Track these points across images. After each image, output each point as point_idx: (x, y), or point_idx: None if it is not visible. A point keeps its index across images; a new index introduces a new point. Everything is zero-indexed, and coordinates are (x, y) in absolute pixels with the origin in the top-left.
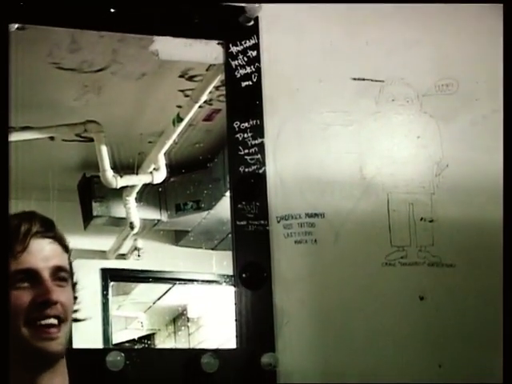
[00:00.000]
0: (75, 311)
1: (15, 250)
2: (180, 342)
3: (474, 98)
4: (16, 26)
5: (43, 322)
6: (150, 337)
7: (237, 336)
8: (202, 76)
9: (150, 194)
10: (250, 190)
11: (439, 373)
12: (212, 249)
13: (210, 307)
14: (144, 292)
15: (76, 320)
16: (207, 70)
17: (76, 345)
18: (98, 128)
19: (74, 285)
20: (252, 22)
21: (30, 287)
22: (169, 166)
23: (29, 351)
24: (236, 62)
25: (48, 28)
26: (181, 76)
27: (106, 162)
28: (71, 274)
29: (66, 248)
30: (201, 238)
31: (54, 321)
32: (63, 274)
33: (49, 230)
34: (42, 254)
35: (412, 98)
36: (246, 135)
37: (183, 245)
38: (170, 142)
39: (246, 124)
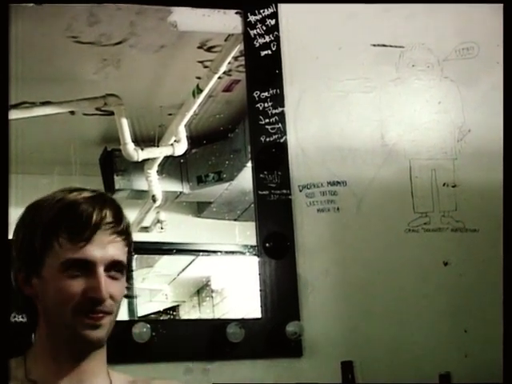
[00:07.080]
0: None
1: (79, 237)
2: (205, 313)
3: (495, 61)
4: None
5: (90, 315)
6: (174, 308)
7: (261, 305)
8: (221, 46)
9: (171, 166)
10: (272, 160)
11: (465, 338)
12: (235, 219)
13: (234, 278)
14: (168, 264)
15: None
16: (226, 40)
17: None
18: (117, 101)
19: (129, 270)
20: None
21: (82, 276)
22: (189, 138)
23: (72, 338)
24: (255, 31)
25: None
26: (199, 47)
27: (127, 135)
28: (129, 266)
29: (128, 242)
30: (223, 209)
31: (100, 314)
32: (119, 267)
33: (118, 222)
34: (104, 248)
35: (432, 63)
36: (266, 104)
37: (206, 216)
38: (190, 114)
39: (266, 93)
